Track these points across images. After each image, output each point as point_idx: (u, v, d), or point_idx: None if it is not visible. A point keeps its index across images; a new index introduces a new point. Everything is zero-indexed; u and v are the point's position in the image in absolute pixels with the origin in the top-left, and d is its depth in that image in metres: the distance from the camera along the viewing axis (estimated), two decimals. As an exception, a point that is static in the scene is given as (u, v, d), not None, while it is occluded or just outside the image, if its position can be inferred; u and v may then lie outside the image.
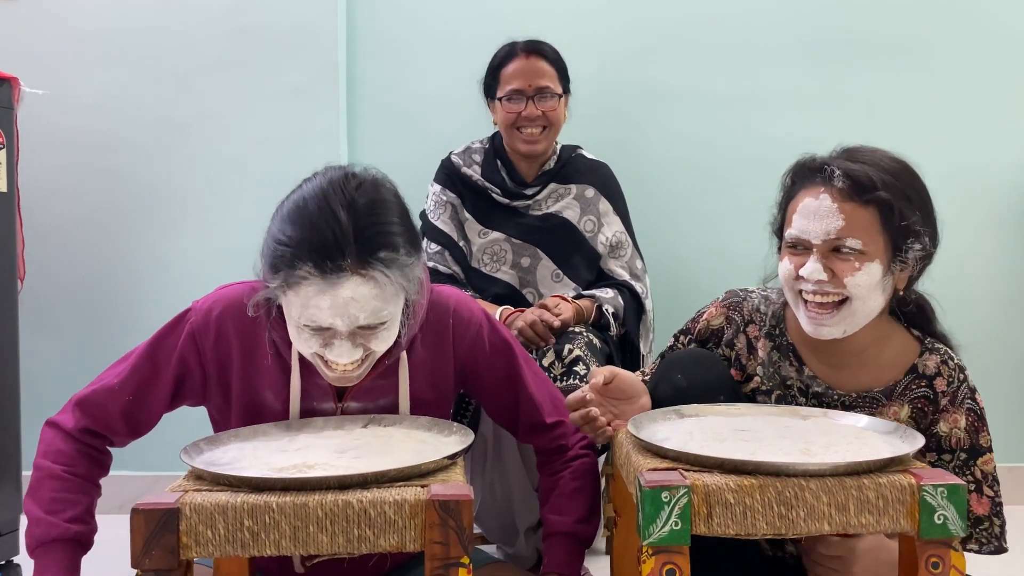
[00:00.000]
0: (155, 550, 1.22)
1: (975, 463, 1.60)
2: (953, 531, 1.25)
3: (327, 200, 1.46)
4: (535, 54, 2.49)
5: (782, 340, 1.72)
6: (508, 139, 2.53)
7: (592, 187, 2.57)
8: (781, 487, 1.25)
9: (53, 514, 1.50)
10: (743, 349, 1.74)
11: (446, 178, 2.59)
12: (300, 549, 1.24)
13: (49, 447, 1.57)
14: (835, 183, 1.56)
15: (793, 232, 1.60)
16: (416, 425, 1.57)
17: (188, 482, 1.32)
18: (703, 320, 1.79)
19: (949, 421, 1.61)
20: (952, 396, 1.62)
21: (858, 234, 1.54)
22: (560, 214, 2.52)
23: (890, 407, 1.63)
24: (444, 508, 1.23)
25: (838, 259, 1.56)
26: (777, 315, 1.74)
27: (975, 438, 1.61)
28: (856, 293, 1.55)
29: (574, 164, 2.59)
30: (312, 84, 2.99)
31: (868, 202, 1.55)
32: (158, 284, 2.99)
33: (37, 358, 2.88)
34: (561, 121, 2.52)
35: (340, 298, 1.43)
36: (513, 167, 2.56)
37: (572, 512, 1.67)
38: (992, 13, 3.07)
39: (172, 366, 1.61)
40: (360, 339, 1.49)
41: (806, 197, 1.59)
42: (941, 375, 1.63)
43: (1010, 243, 3.10)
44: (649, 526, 1.23)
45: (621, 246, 2.56)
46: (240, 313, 1.60)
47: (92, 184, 2.97)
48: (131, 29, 2.96)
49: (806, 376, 1.68)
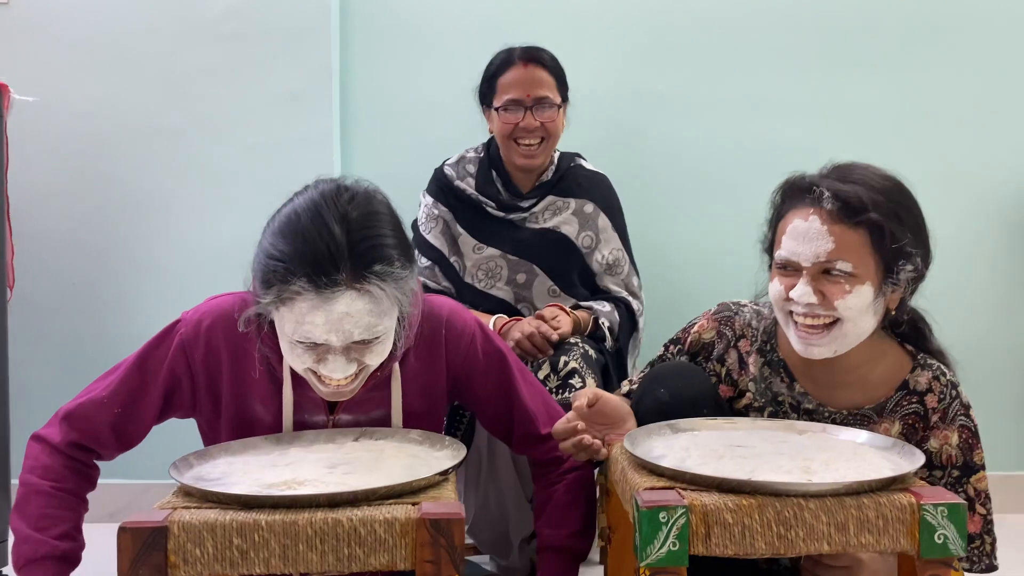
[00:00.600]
0: (142, 569, 1.20)
1: (968, 481, 1.59)
2: (953, 550, 1.24)
3: (320, 214, 1.44)
4: (533, 62, 2.40)
5: (773, 356, 1.70)
6: (505, 151, 2.44)
7: (592, 202, 2.48)
8: (780, 507, 1.23)
9: (41, 531, 1.48)
10: (734, 364, 1.72)
11: (438, 191, 2.51)
12: (290, 568, 1.22)
13: (36, 462, 1.55)
14: (824, 204, 1.53)
15: (783, 254, 1.57)
16: (408, 439, 1.56)
17: (177, 498, 1.31)
18: (694, 332, 1.77)
19: (940, 438, 1.59)
20: (943, 413, 1.60)
21: (848, 257, 1.52)
22: (558, 229, 2.44)
23: (881, 424, 1.61)
24: (435, 527, 1.22)
25: (828, 281, 1.53)
26: (768, 331, 1.72)
27: (968, 456, 1.59)
28: (847, 315, 1.53)
29: (573, 176, 2.50)
30: (306, 90, 2.96)
31: (858, 224, 1.52)
32: (150, 291, 2.96)
33: (26, 366, 2.85)
34: (560, 132, 2.44)
35: (335, 313, 1.41)
36: (509, 178, 2.47)
37: (567, 526, 1.66)
38: (987, 20, 3.06)
39: (161, 378, 1.60)
40: (354, 354, 1.48)
41: (795, 218, 1.56)
42: (932, 391, 1.61)
43: (1004, 249, 3.09)
44: (647, 547, 1.21)
45: (618, 264, 2.48)
46: (230, 324, 1.58)
47: (83, 191, 2.94)
48: (122, 35, 2.93)
49: (797, 392, 1.66)
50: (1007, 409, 3.09)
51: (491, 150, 2.52)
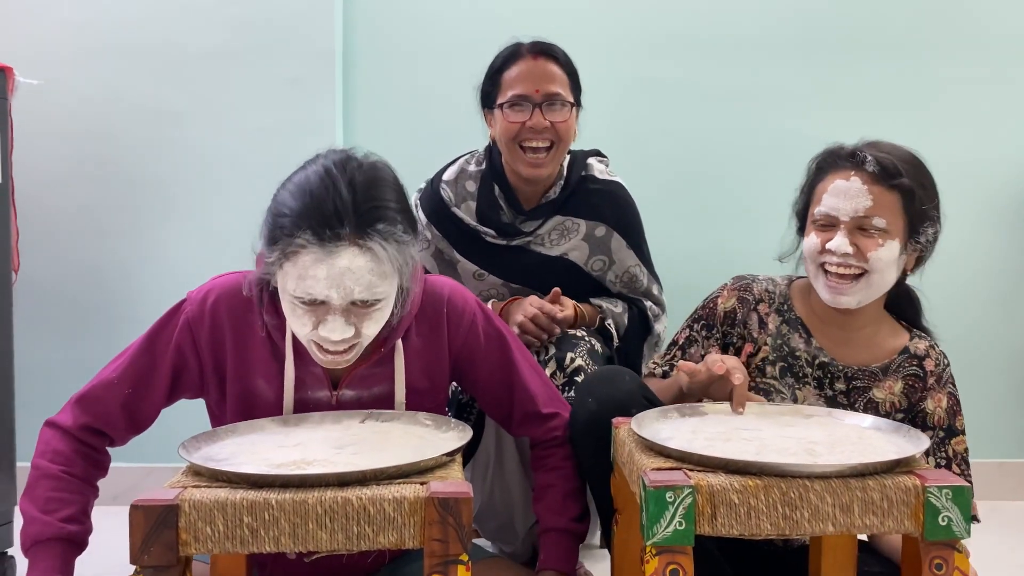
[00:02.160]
0: (154, 546, 1.21)
1: (949, 443, 1.77)
2: (957, 533, 1.25)
3: (329, 176, 1.49)
4: (544, 55, 2.15)
5: (790, 315, 1.84)
6: (508, 157, 2.19)
7: (603, 223, 2.25)
8: (786, 488, 1.24)
9: (48, 513, 1.49)
10: (754, 325, 1.84)
11: (432, 212, 2.28)
12: (299, 546, 1.23)
13: (47, 447, 1.56)
14: (866, 167, 1.71)
15: (823, 209, 1.73)
16: (414, 421, 1.57)
17: (186, 478, 1.31)
18: (718, 304, 1.88)
19: (935, 399, 1.78)
20: (938, 377, 1.79)
21: (884, 214, 1.70)
22: (566, 256, 2.24)
23: (886, 381, 1.78)
24: (443, 505, 1.22)
25: (863, 236, 1.71)
26: (784, 294, 1.87)
27: (952, 420, 1.79)
28: (876, 267, 1.70)
29: (584, 194, 2.25)
30: (308, 75, 2.96)
31: (893, 187, 1.71)
32: (154, 274, 2.97)
33: (32, 350, 2.86)
34: (571, 137, 2.19)
35: (336, 268, 1.44)
36: (512, 192, 2.24)
37: (568, 512, 1.68)
38: (988, 11, 3.06)
39: (169, 357, 1.61)
40: (353, 317, 1.49)
41: (837, 179, 1.73)
42: (930, 357, 1.80)
43: (1004, 241, 3.10)
44: (653, 526, 1.22)
45: (635, 279, 2.30)
46: (234, 300, 1.60)
47: (87, 175, 2.95)
48: (126, 19, 2.94)
49: (814, 347, 1.81)
50: (1013, 399, 3.11)
51: (493, 159, 2.28)
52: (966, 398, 1.97)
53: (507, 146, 2.18)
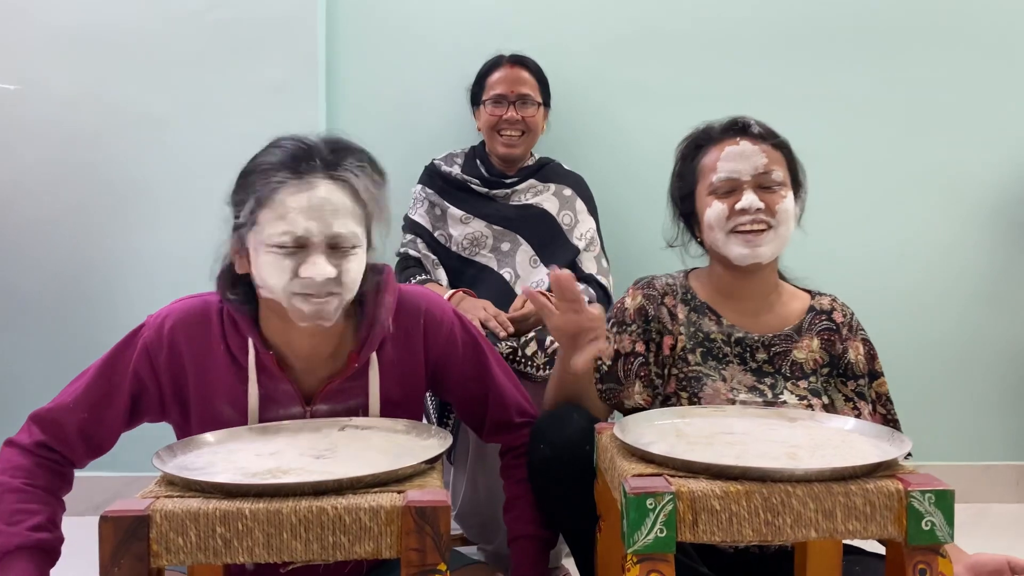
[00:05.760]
0: (124, 558, 1.18)
1: (871, 386, 1.83)
2: (941, 537, 1.23)
3: (294, 136, 1.57)
4: (519, 65, 2.72)
5: (696, 302, 1.87)
6: (489, 142, 2.73)
7: (569, 187, 2.76)
8: (768, 493, 1.22)
9: (15, 524, 1.46)
10: (666, 318, 1.84)
11: (427, 178, 2.78)
12: (274, 556, 1.21)
13: (8, 464, 1.53)
14: (752, 131, 1.82)
15: (721, 175, 1.79)
16: (394, 429, 1.55)
17: (159, 488, 1.29)
18: (626, 303, 1.87)
19: (854, 348, 1.83)
20: (849, 326, 1.85)
21: (778, 168, 1.80)
22: (539, 205, 2.70)
23: (803, 340, 1.82)
24: (420, 515, 1.21)
25: (765, 192, 1.78)
26: (684, 285, 1.90)
27: (872, 364, 1.84)
28: (783, 219, 1.77)
29: (552, 169, 2.79)
30: (292, 79, 2.95)
31: (776, 145, 1.82)
32: (135, 281, 2.94)
33: (10, 355, 2.83)
34: (539, 129, 2.75)
35: (316, 199, 1.48)
36: (492, 166, 2.75)
37: (537, 520, 1.71)
38: (975, 13, 3.06)
39: (127, 383, 1.59)
40: (333, 260, 1.50)
41: (725, 147, 1.81)
42: (836, 309, 1.87)
43: (988, 242, 3.10)
44: (634, 533, 1.20)
45: (594, 242, 2.72)
46: (192, 325, 1.60)
47: (67, 180, 2.92)
48: (106, 23, 2.91)
49: (726, 326, 1.83)
50: (997, 401, 3.11)
51: (477, 147, 2.80)
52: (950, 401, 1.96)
53: (488, 134, 2.73)
